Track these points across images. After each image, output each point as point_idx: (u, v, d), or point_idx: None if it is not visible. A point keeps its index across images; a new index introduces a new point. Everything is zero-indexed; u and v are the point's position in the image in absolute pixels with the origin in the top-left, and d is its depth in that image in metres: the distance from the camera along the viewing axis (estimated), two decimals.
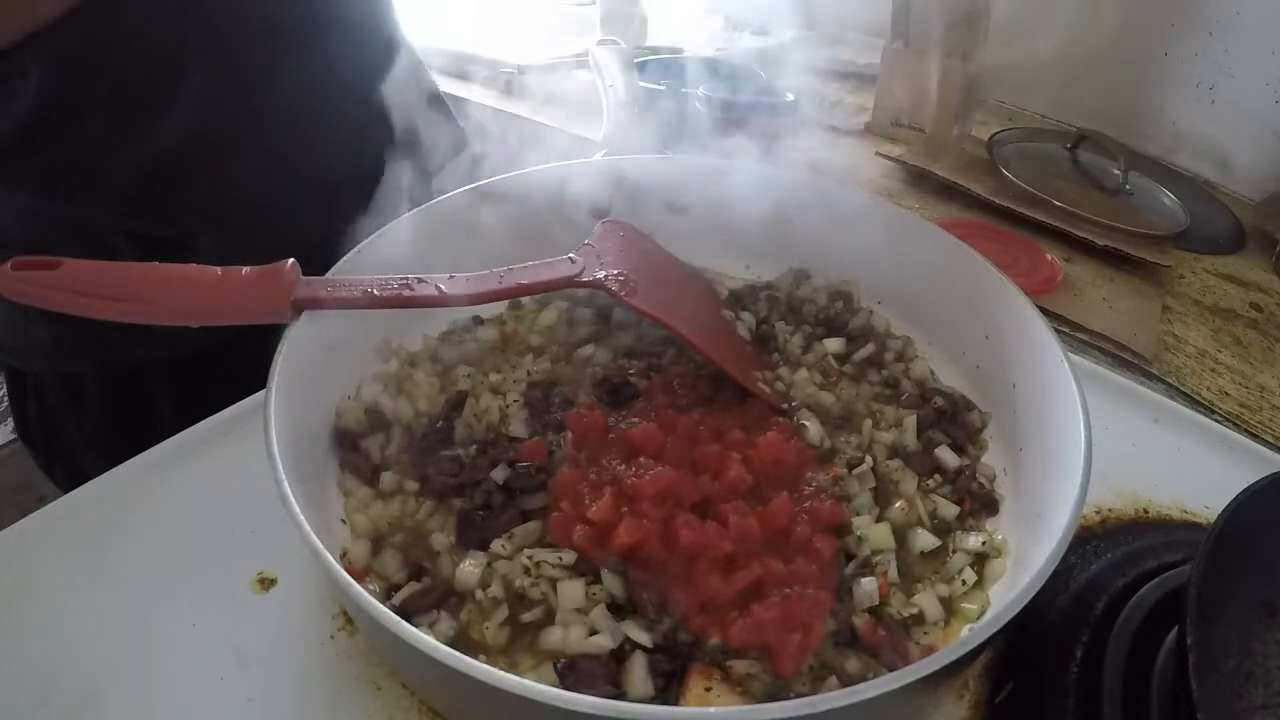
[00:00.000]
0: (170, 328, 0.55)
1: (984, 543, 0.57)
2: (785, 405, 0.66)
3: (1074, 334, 0.89)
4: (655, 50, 1.39)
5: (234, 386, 0.67)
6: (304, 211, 0.78)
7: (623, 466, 0.56)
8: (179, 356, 0.84)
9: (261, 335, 0.54)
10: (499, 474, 0.57)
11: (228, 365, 0.69)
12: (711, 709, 0.44)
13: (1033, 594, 0.41)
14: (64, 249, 0.55)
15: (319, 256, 0.60)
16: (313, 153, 0.81)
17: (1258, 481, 0.49)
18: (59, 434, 0.92)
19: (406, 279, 0.59)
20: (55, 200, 0.74)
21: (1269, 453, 0.72)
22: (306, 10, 0.78)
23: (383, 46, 0.89)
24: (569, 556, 0.52)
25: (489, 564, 0.53)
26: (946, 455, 0.63)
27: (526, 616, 0.50)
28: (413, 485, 0.59)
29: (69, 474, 0.93)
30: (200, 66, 0.71)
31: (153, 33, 0.68)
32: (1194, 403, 0.82)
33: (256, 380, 0.59)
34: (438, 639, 0.39)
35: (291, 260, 0.57)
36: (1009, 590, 0.53)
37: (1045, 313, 0.63)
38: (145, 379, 0.86)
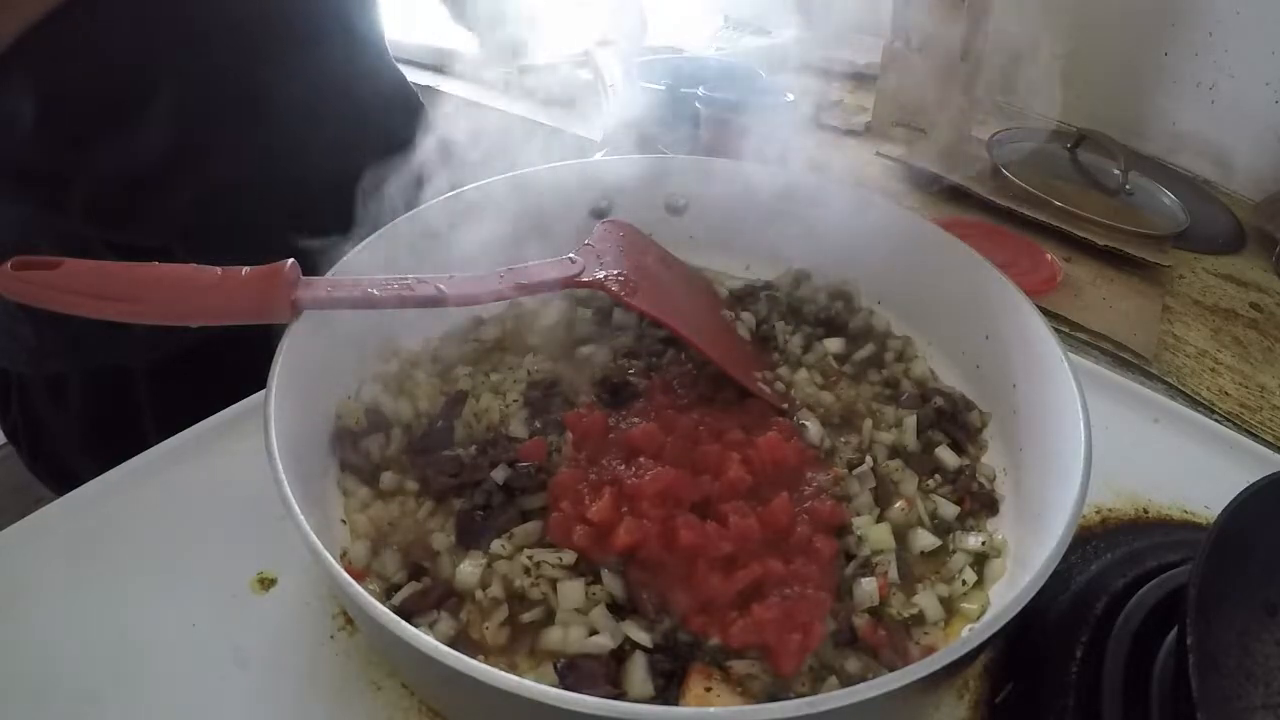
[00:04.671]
0: (150, 329, 0.55)
1: (984, 543, 0.57)
2: (785, 405, 0.66)
3: (1074, 334, 0.89)
4: (655, 50, 1.38)
5: (214, 387, 0.67)
6: (288, 220, 0.78)
7: (623, 466, 0.56)
8: (159, 358, 0.83)
9: (243, 337, 0.54)
10: (499, 474, 0.57)
11: (207, 366, 0.69)
12: (711, 709, 0.44)
13: (1033, 594, 0.41)
14: (43, 247, 0.55)
15: (305, 263, 0.59)
16: (297, 162, 0.81)
17: (1258, 481, 0.49)
18: (43, 434, 0.93)
19: (406, 279, 0.59)
20: (37, 208, 0.74)
21: (1269, 453, 0.72)
22: (288, 15, 0.77)
23: (366, 52, 0.88)
24: (569, 556, 0.52)
25: (489, 564, 0.53)
26: (946, 455, 0.63)
27: (526, 616, 0.50)
28: (413, 485, 0.59)
29: (54, 473, 0.94)
30: (181, 70, 0.70)
31: (133, 35, 0.68)
32: (1194, 403, 0.82)
33: (239, 380, 0.58)
34: (438, 639, 0.39)
35: (291, 260, 0.56)
36: (1009, 590, 0.53)
37: (1045, 313, 0.63)
38: (126, 380, 0.86)
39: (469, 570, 0.52)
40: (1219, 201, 1.23)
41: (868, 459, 0.62)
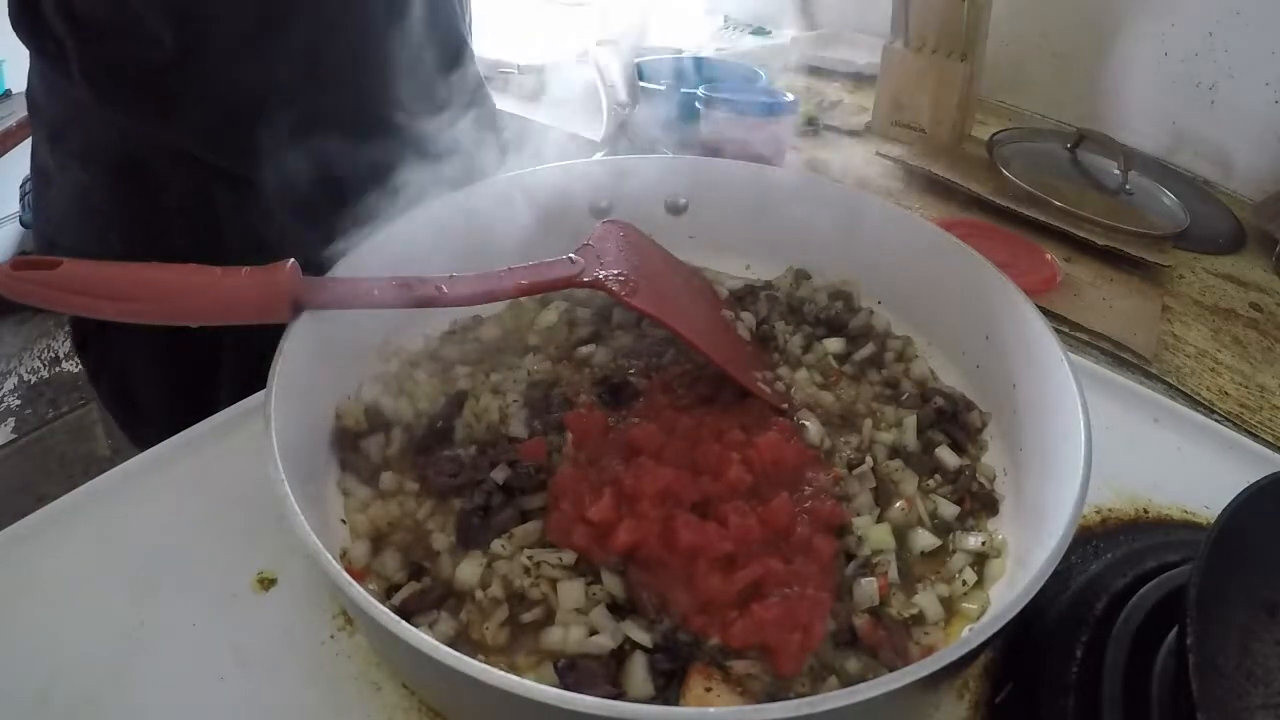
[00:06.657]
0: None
1: (984, 543, 0.57)
2: (785, 405, 0.66)
3: (1074, 334, 0.89)
4: (655, 50, 1.39)
5: None
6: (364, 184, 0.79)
7: (623, 466, 0.56)
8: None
9: None
10: (499, 474, 0.57)
11: None
12: (711, 709, 0.44)
13: (1033, 594, 0.41)
14: (154, 162, 0.71)
15: (305, 262, 0.59)
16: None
17: (1258, 481, 0.49)
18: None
19: (406, 279, 0.59)
20: (158, 123, 0.78)
21: (1269, 453, 0.72)
22: None
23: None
24: (569, 556, 0.52)
25: (489, 564, 0.53)
26: (946, 455, 0.63)
27: (526, 616, 0.50)
28: (413, 485, 0.59)
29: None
30: (313, 11, 0.75)
31: None
32: (1194, 403, 0.82)
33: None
34: (438, 639, 0.39)
35: (291, 260, 0.56)
36: (1009, 590, 0.53)
37: (1045, 313, 0.63)
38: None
39: (469, 570, 0.52)
40: (1219, 201, 1.23)
41: (868, 459, 0.62)
